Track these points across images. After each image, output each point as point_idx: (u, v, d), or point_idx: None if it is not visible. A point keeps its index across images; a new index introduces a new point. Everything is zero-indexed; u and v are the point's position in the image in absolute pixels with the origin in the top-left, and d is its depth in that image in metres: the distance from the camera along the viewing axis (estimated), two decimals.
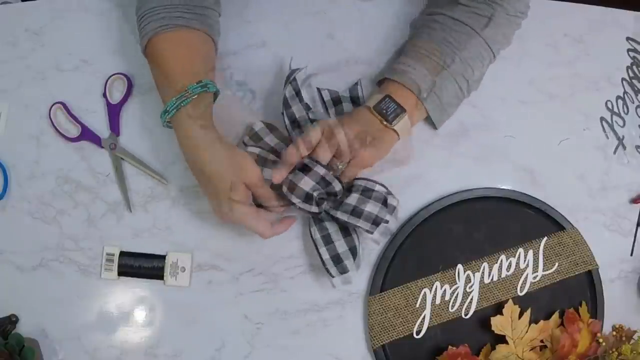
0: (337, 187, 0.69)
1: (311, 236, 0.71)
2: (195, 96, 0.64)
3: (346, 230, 0.72)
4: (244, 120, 0.76)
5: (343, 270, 0.70)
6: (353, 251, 0.71)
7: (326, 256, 0.70)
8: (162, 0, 0.66)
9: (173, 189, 0.75)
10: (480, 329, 0.73)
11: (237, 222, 0.65)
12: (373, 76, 0.79)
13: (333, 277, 0.70)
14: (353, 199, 0.70)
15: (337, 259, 0.70)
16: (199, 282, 0.74)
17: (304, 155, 0.67)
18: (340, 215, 0.69)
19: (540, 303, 0.74)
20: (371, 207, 0.69)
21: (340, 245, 0.71)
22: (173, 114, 0.64)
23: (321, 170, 0.68)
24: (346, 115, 0.73)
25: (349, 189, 0.72)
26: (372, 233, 0.69)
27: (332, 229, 0.71)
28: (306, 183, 0.67)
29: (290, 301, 0.74)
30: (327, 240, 0.71)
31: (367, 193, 0.71)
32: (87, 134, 0.76)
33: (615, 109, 0.82)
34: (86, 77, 0.78)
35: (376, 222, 0.69)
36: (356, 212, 0.69)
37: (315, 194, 0.68)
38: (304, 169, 0.68)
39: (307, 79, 0.78)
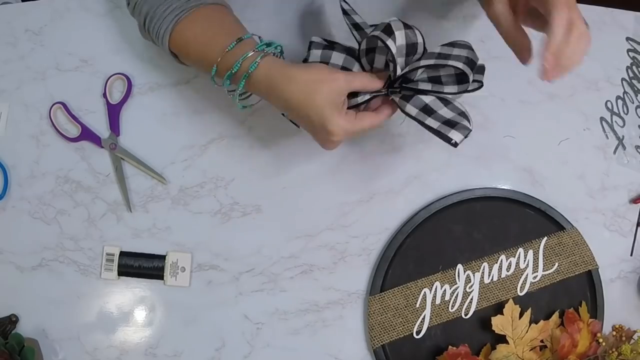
0: (419, 38, 0.60)
1: (408, 115, 0.62)
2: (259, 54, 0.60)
3: (445, 100, 0.63)
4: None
5: (465, 132, 0.61)
6: (463, 115, 0.63)
7: (436, 124, 0.61)
8: None
9: (173, 189, 0.75)
10: (480, 329, 0.73)
11: (354, 135, 0.60)
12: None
13: (456, 144, 0.60)
14: (431, 58, 0.60)
15: (450, 123, 0.61)
16: (199, 282, 0.74)
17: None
18: (422, 85, 0.61)
19: (540, 303, 0.74)
20: (457, 53, 0.60)
21: (446, 112, 0.62)
22: (254, 67, 0.60)
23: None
24: None
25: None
26: (468, 81, 0.60)
27: (427, 99, 0.62)
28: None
29: (290, 301, 0.74)
30: (428, 110, 0.62)
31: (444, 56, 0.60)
32: (87, 134, 0.76)
33: (615, 109, 0.82)
34: (86, 77, 0.78)
35: (469, 64, 0.60)
36: (435, 78, 0.61)
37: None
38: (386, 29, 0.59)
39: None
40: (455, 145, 0.61)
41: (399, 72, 0.60)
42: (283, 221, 0.75)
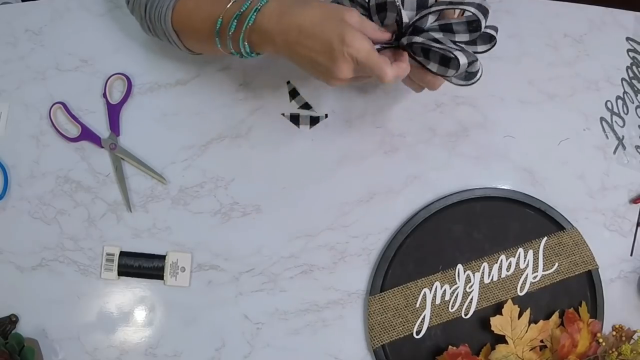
0: None
1: (431, 71, 0.61)
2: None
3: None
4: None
5: (472, 59, 0.60)
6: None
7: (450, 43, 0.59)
8: None
9: (173, 189, 0.75)
10: (480, 329, 0.73)
11: (363, 63, 0.56)
12: None
13: (459, 65, 0.58)
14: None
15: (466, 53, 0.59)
16: (199, 282, 0.74)
17: None
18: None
19: (540, 303, 0.74)
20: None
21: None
22: (256, 11, 0.59)
23: None
24: None
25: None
26: (481, 28, 0.59)
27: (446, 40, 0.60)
28: None
29: (290, 301, 0.74)
30: (446, 60, 0.60)
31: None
32: (87, 134, 0.76)
33: (615, 109, 0.82)
34: (86, 77, 0.78)
35: (481, 10, 0.58)
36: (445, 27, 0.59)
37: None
38: None
39: None
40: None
41: (405, 19, 0.59)
42: (283, 221, 0.75)
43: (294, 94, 0.77)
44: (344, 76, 0.58)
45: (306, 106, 0.75)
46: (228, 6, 0.61)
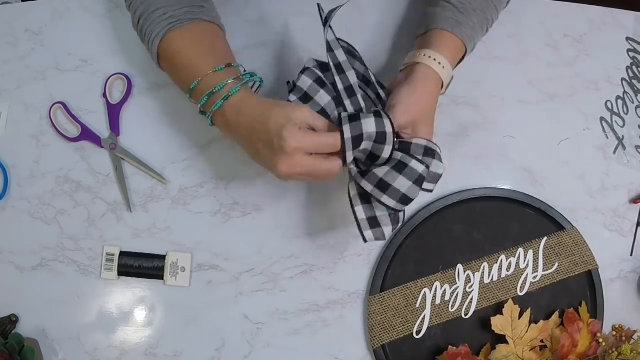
0: (387, 153, 0.60)
1: (348, 192, 0.63)
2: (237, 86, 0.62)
3: (400, 163, 0.61)
4: None
5: (379, 237, 0.62)
6: (394, 218, 0.63)
7: (362, 216, 0.62)
8: (164, 2, 0.65)
9: (173, 189, 0.75)
10: (480, 329, 0.73)
11: (299, 150, 0.57)
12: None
13: (366, 241, 0.62)
14: (382, 170, 0.60)
15: (374, 222, 0.62)
16: (199, 282, 0.74)
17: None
18: (364, 184, 0.61)
19: (540, 303, 0.74)
20: (401, 183, 0.59)
21: (379, 208, 0.62)
22: (220, 104, 0.62)
23: (389, 128, 0.59)
24: (417, 89, 0.64)
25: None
26: (398, 211, 0.61)
27: (382, 172, 0.61)
28: (369, 125, 0.58)
29: (290, 301, 0.74)
30: (365, 198, 0.62)
31: (400, 166, 0.60)
32: (87, 134, 0.76)
33: (615, 109, 0.82)
34: (86, 77, 0.78)
35: (403, 200, 0.60)
36: (382, 184, 0.60)
37: (366, 145, 0.59)
38: (374, 113, 0.59)
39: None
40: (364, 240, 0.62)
41: (350, 160, 0.60)
42: (283, 221, 0.75)
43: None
44: (283, 171, 0.58)
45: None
46: (208, 73, 0.63)
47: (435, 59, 0.65)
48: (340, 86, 0.64)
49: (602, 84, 0.82)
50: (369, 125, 0.58)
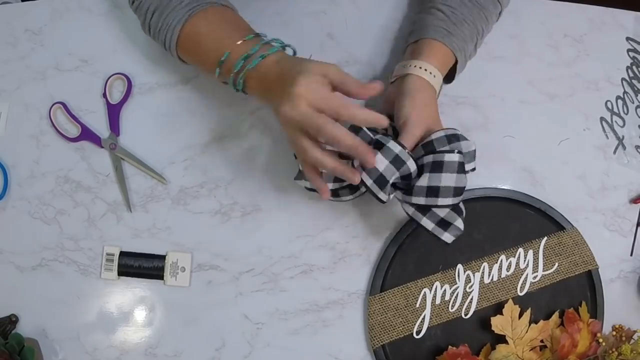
0: (412, 167, 0.61)
1: (405, 212, 0.65)
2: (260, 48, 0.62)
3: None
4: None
5: (456, 233, 0.64)
6: (457, 210, 0.64)
7: (431, 226, 0.64)
8: None
9: (173, 189, 0.75)
10: (480, 329, 0.73)
11: (305, 101, 0.55)
12: (370, 77, 0.79)
13: (448, 243, 0.65)
14: (424, 179, 0.61)
15: (444, 224, 0.64)
16: (199, 282, 0.74)
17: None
18: (415, 200, 0.62)
19: (540, 303, 0.74)
20: (447, 180, 0.61)
21: (441, 210, 0.64)
22: (255, 64, 0.61)
23: (396, 148, 0.60)
24: (417, 99, 0.65)
25: (419, 168, 0.63)
26: (457, 204, 0.63)
27: (420, 201, 0.63)
28: (380, 162, 0.59)
29: (290, 301, 0.74)
30: (424, 210, 0.64)
31: (437, 166, 0.61)
32: (87, 134, 0.76)
33: (615, 109, 0.82)
34: (86, 77, 0.78)
35: (457, 192, 0.62)
36: (432, 190, 0.61)
37: (391, 178, 0.60)
38: (376, 146, 0.60)
39: None
40: (446, 243, 0.65)
41: (385, 199, 0.62)
42: (283, 221, 0.75)
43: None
44: (286, 118, 0.56)
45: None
46: (238, 43, 0.63)
47: (426, 69, 0.66)
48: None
49: (602, 84, 0.82)
50: (380, 163, 0.59)
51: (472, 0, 0.70)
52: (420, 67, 0.66)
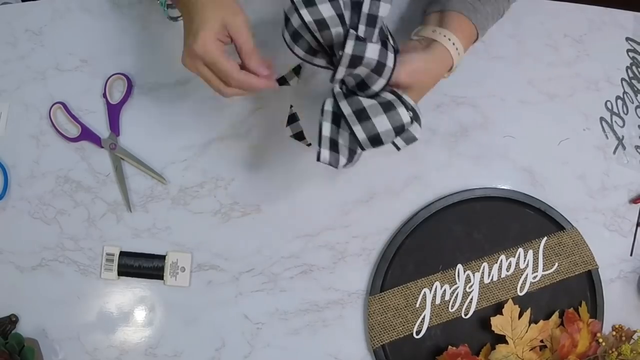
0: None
1: (322, 107, 0.58)
2: None
3: (390, 103, 0.58)
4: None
5: (332, 162, 0.58)
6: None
7: (327, 134, 0.58)
8: None
9: (173, 189, 0.75)
10: (480, 329, 0.73)
11: (197, 57, 0.59)
12: None
13: (319, 160, 0.58)
14: (367, 101, 0.57)
15: (334, 146, 0.58)
16: (199, 282, 0.74)
17: None
18: (343, 105, 0.58)
19: (540, 303, 0.74)
20: (381, 122, 0.57)
21: (344, 137, 0.59)
22: None
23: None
24: (432, 70, 0.64)
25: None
26: (358, 149, 0.59)
27: (367, 103, 0.57)
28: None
29: (290, 301, 0.74)
30: (335, 121, 0.58)
31: (388, 106, 0.57)
32: (87, 134, 0.76)
33: (615, 109, 0.82)
34: (86, 77, 0.78)
35: (373, 140, 0.58)
36: (361, 113, 0.57)
37: (358, 70, 0.56)
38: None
39: None
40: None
41: (340, 76, 0.58)
42: (283, 221, 0.75)
43: (292, 119, 0.75)
44: (184, 63, 0.60)
45: (298, 136, 0.74)
46: None
47: (454, 44, 0.65)
48: (365, 9, 0.59)
49: (602, 84, 0.82)
50: (372, 51, 0.55)
51: None
52: (450, 40, 0.65)
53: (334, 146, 0.58)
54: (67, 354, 0.71)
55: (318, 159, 0.58)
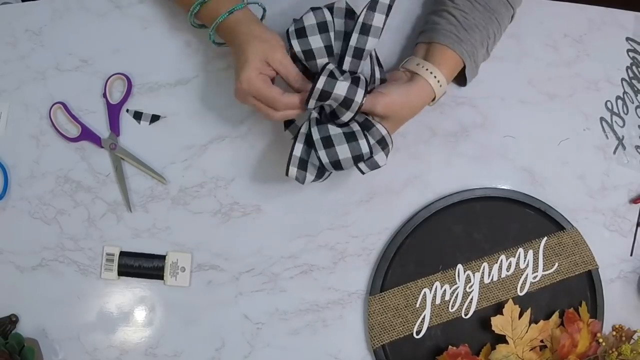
0: (359, 97, 0.62)
1: (298, 129, 0.66)
2: None
3: (353, 134, 0.65)
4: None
5: (298, 178, 0.66)
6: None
7: (297, 154, 0.65)
8: None
9: (173, 189, 0.75)
10: (480, 329, 0.73)
11: (244, 91, 0.64)
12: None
13: (287, 175, 0.65)
14: (334, 130, 0.65)
15: (303, 165, 0.66)
16: (199, 282, 0.74)
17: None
18: (313, 131, 0.65)
19: (540, 303, 0.74)
20: (342, 150, 0.64)
21: (313, 157, 0.65)
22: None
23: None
24: (412, 101, 0.68)
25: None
26: (325, 170, 0.66)
27: (333, 132, 0.64)
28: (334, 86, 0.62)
29: (290, 301, 0.74)
30: (308, 143, 0.66)
31: (350, 136, 0.64)
32: (87, 134, 0.76)
33: (615, 109, 0.82)
34: (86, 77, 0.78)
35: (335, 165, 0.64)
36: (327, 141, 0.64)
37: (328, 102, 0.63)
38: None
39: None
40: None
41: (311, 107, 0.64)
42: (283, 221, 0.75)
43: (289, 122, 0.74)
44: (236, 97, 0.66)
45: (289, 122, 0.75)
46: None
47: (435, 77, 0.68)
48: (353, 43, 0.65)
49: (602, 84, 0.82)
50: (341, 88, 0.62)
51: (483, 5, 0.71)
52: (431, 73, 0.68)
53: (302, 165, 0.66)
54: (67, 354, 0.71)
55: (287, 174, 0.65)
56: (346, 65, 0.66)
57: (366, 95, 0.63)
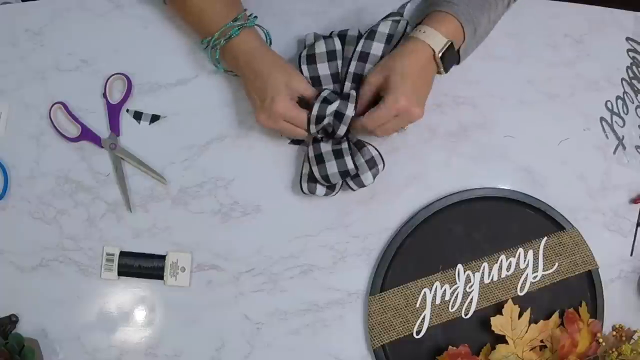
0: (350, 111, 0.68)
1: (309, 154, 0.72)
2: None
3: (340, 151, 0.71)
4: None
5: (312, 191, 0.72)
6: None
7: (305, 171, 0.73)
8: None
9: (173, 189, 0.75)
10: (480, 329, 0.73)
11: (279, 116, 0.68)
12: None
13: (302, 191, 0.73)
14: (325, 147, 0.72)
15: (312, 180, 0.72)
16: (199, 282, 0.74)
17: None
18: (309, 150, 0.72)
19: (540, 303, 0.74)
20: (330, 166, 0.70)
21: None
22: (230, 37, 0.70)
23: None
24: (404, 53, 0.68)
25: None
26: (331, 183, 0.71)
27: (324, 149, 0.71)
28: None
29: (290, 301, 0.74)
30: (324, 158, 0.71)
31: (338, 153, 0.71)
32: (87, 134, 0.76)
33: (615, 109, 0.82)
34: (86, 77, 0.78)
35: (326, 178, 0.70)
36: (319, 158, 0.71)
37: (325, 121, 0.69)
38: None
39: None
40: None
41: (313, 131, 0.70)
42: (283, 221, 0.75)
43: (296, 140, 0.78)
44: (262, 122, 0.70)
45: (296, 142, 0.76)
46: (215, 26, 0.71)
47: (424, 32, 0.67)
48: (352, 69, 0.72)
49: (602, 84, 0.82)
50: (332, 107, 0.68)
51: None
52: (420, 30, 0.68)
53: (312, 180, 0.72)
54: (67, 354, 0.72)
55: (302, 190, 0.72)
56: (346, 89, 0.72)
57: (356, 108, 0.68)
